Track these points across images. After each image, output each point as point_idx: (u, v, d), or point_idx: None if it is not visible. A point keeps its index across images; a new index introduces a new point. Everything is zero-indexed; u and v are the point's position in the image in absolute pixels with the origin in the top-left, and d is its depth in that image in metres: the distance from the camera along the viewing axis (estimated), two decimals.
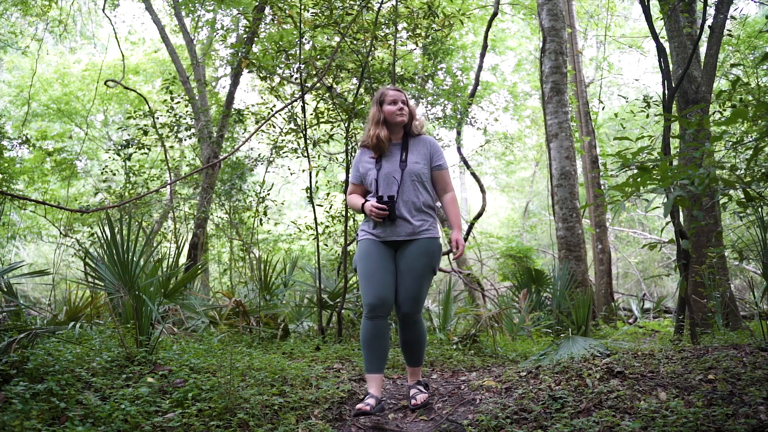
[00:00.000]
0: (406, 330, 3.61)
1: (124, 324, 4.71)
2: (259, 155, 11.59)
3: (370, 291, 3.47)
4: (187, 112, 10.73)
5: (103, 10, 12.77)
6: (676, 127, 8.27)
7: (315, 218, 7.21)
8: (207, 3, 12.16)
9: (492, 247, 16.05)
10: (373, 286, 3.48)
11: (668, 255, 17.72)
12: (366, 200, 3.68)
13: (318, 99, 9.43)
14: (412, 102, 3.78)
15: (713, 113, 5.06)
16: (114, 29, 12.49)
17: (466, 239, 10.96)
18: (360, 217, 8.81)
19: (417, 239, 3.57)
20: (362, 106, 7.22)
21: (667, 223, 4.13)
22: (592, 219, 12.61)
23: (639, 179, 2.98)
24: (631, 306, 12.69)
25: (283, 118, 9.21)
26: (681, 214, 6.19)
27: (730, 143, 3.78)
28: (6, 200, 10.59)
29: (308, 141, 8.09)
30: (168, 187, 11.80)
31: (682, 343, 5.11)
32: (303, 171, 9.28)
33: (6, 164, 11.59)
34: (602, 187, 12.24)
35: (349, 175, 3.85)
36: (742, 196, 3.30)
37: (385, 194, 3.56)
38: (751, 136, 4.10)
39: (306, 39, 8.12)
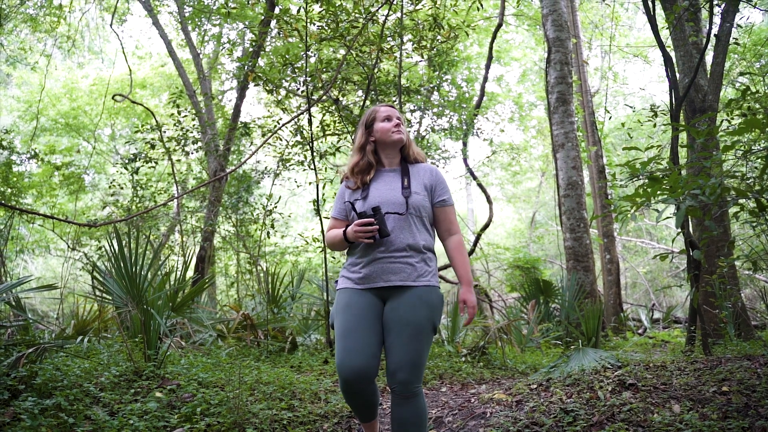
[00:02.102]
0: (400, 406, 2.70)
1: (132, 338, 4.71)
2: (265, 168, 11.61)
3: (345, 358, 2.65)
4: (193, 125, 10.77)
5: (111, 25, 12.87)
6: (683, 137, 8.24)
7: (322, 230, 7.21)
8: (213, 17, 12.24)
9: (499, 257, 15.99)
10: (348, 350, 2.66)
11: (677, 264, 17.62)
12: (346, 227, 2.87)
13: (324, 111, 9.46)
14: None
15: (721, 122, 5.04)
16: (121, 44, 12.58)
17: (472, 251, 10.91)
18: None
19: (413, 287, 2.76)
20: None
21: (678, 234, 4.10)
22: (600, 229, 12.56)
23: (650, 189, 2.95)
24: (641, 316, 12.60)
25: (290, 131, 9.24)
26: (690, 224, 6.15)
27: (740, 152, 3.75)
28: (14, 214, 10.64)
29: (315, 153, 8.10)
30: (175, 200, 11.83)
31: (695, 355, 5.06)
32: (309, 183, 9.29)
33: (15, 178, 11.65)
34: (609, 196, 12.20)
35: (331, 212, 3.10)
36: (753, 205, 3.27)
37: (368, 210, 2.80)
38: (760, 145, 4.08)
39: (312, 52, 8.16)
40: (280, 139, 9.95)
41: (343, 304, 2.80)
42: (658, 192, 3.00)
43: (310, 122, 7.33)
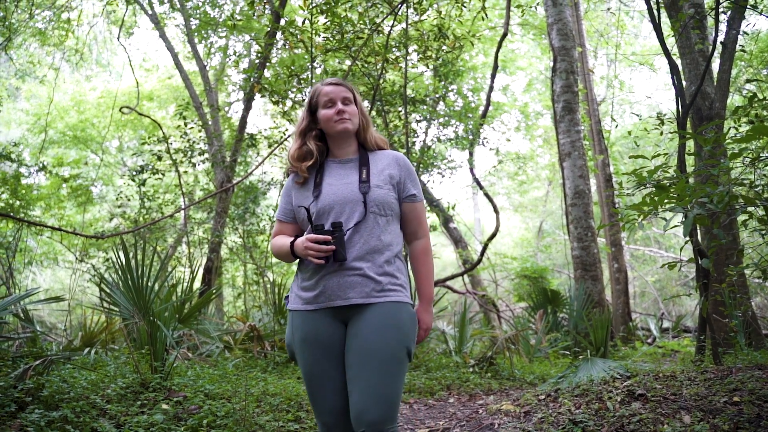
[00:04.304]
0: None
1: (138, 350, 4.70)
2: (272, 179, 11.64)
3: (320, 403, 2.26)
4: (200, 137, 10.82)
5: (118, 38, 12.99)
6: (690, 145, 8.21)
7: None
8: (219, 30, 12.33)
9: (506, 267, 15.94)
10: (321, 394, 2.26)
11: (686, 273, 17.51)
12: (296, 238, 2.37)
13: None
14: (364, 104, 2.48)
15: (728, 129, 5.02)
16: (129, 57, 12.69)
17: (479, 261, 10.87)
18: None
19: (377, 303, 2.25)
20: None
21: (686, 242, 4.07)
22: (608, 238, 12.50)
23: (657, 198, 2.94)
24: (650, 325, 12.52)
25: None
26: (699, 232, 6.11)
27: (748, 159, 3.73)
28: (23, 226, 10.69)
29: None
30: (182, 211, 11.87)
31: (705, 364, 5.01)
32: None
33: (23, 191, 11.73)
34: (617, 205, 12.16)
35: (276, 212, 2.60)
36: (762, 213, 3.25)
37: (327, 222, 2.31)
38: (767, 153, 4.05)
39: (317, 63, 8.19)
40: (286, 150, 9.97)
41: (300, 336, 2.30)
42: (666, 200, 2.99)
43: None
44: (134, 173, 10.34)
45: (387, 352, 2.18)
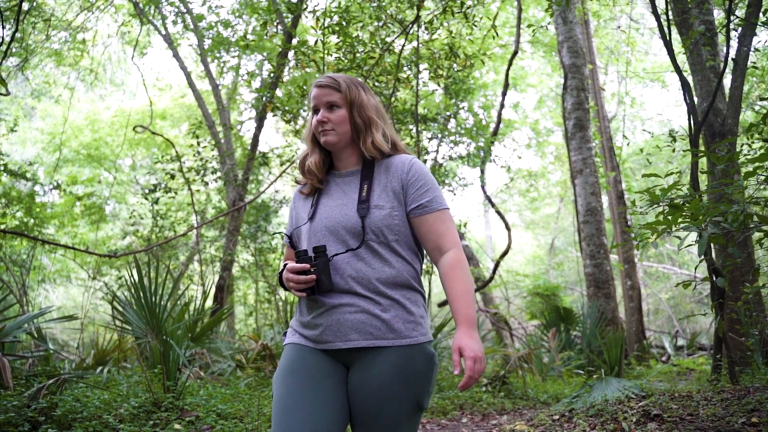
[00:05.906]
0: None
1: (151, 368, 4.71)
2: (284, 197, 11.69)
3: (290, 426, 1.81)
4: (212, 155, 10.90)
5: (132, 58, 13.17)
6: (703, 162, 8.16)
7: None
8: (232, 49, 12.46)
9: (518, 285, 15.86)
10: (296, 419, 1.81)
11: (700, 290, 17.33)
12: (285, 266, 2.00)
13: None
14: (364, 97, 2.05)
15: (742, 146, 4.98)
16: (142, 76, 12.87)
17: (491, 279, 10.80)
18: None
19: (384, 349, 1.88)
20: None
21: (701, 261, 4.03)
22: (621, 255, 12.41)
23: (670, 217, 2.92)
24: (664, 343, 12.39)
25: None
26: (713, 250, 6.06)
27: (762, 177, 3.70)
28: (37, 244, 10.79)
29: None
30: (194, 230, 11.93)
31: (721, 384, 4.93)
32: None
33: (38, 209, 11.84)
34: (629, 222, 12.08)
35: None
36: None
37: (311, 248, 1.95)
38: None
39: None
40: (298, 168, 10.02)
41: (285, 367, 1.95)
42: (680, 219, 2.97)
43: None
44: (147, 191, 10.43)
45: (394, 412, 1.86)
